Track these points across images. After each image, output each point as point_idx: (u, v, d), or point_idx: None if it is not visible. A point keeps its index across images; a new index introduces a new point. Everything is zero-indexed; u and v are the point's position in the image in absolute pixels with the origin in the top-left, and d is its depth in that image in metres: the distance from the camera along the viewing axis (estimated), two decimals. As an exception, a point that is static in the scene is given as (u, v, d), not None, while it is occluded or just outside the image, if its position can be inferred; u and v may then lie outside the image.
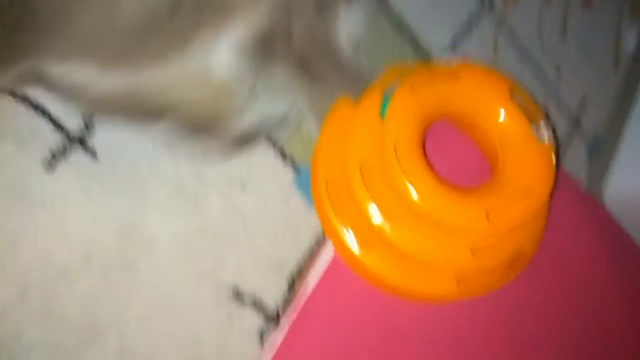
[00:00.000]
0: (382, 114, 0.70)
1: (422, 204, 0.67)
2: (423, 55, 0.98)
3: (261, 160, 0.83)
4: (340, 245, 0.75)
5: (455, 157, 0.85)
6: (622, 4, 1.35)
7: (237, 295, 0.77)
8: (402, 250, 0.70)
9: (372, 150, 0.70)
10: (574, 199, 1.03)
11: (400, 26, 0.95)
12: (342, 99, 0.77)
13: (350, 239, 0.74)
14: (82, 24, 0.49)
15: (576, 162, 1.21)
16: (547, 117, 0.81)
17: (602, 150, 1.22)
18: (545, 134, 0.76)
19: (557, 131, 1.19)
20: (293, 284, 0.81)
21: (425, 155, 0.71)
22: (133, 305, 0.71)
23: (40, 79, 0.54)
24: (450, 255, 0.72)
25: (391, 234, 0.69)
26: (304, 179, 0.84)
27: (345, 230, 0.74)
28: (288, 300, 0.80)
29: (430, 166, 0.71)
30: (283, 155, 0.84)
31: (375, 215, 0.69)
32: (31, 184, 0.67)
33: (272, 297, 0.80)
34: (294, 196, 0.84)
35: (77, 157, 0.69)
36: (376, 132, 0.70)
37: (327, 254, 0.80)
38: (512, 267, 0.80)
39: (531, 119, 0.77)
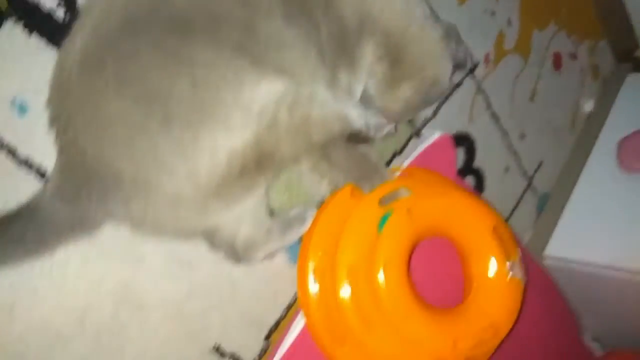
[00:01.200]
0: (380, 227, 0.76)
1: (400, 325, 0.74)
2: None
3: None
4: (316, 336, 0.80)
5: (437, 269, 0.93)
6: (585, 69, 1.46)
7: (219, 352, 0.82)
8: (371, 355, 0.77)
9: (363, 259, 0.76)
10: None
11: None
12: (345, 188, 0.81)
13: (324, 332, 0.79)
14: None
15: (527, 216, 1.33)
16: (522, 257, 0.89)
17: (549, 208, 1.34)
18: (519, 272, 0.84)
19: (513, 188, 1.30)
20: (269, 341, 0.88)
21: (409, 271, 0.78)
22: (122, 366, 0.75)
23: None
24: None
25: (366, 339, 0.75)
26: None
27: (322, 323, 0.79)
28: (264, 355, 0.87)
29: (412, 284, 0.78)
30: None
31: (354, 318, 0.75)
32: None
33: (251, 353, 0.86)
34: (278, 255, 0.88)
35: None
36: (369, 244, 0.76)
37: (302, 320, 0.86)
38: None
39: (508, 256, 0.85)
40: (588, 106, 1.45)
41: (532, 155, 1.32)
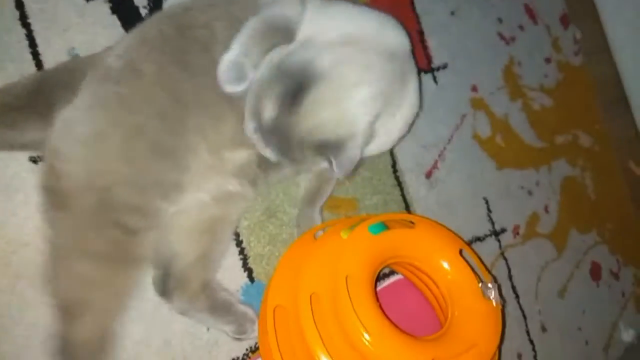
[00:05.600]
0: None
1: (371, 345, 0.64)
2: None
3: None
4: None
5: (407, 309, 0.88)
6: (628, 295, 1.35)
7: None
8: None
9: (324, 283, 0.69)
10: None
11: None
12: (303, 237, 0.81)
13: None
14: None
15: None
16: (495, 279, 0.84)
17: None
18: (493, 294, 0.77)
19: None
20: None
21: (377, 299, 0.70)
22: None
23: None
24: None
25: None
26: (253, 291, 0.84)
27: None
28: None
29: (381, 309, 0.70)
30: (245, 266, 0.85)
31: (323, 356, 0.65)
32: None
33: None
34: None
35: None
36: (330, 266, 0.70)
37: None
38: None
39: (480, 279, 0.79)
40: (628, 335, 1.30)
41: (551, 356, 1.17)
